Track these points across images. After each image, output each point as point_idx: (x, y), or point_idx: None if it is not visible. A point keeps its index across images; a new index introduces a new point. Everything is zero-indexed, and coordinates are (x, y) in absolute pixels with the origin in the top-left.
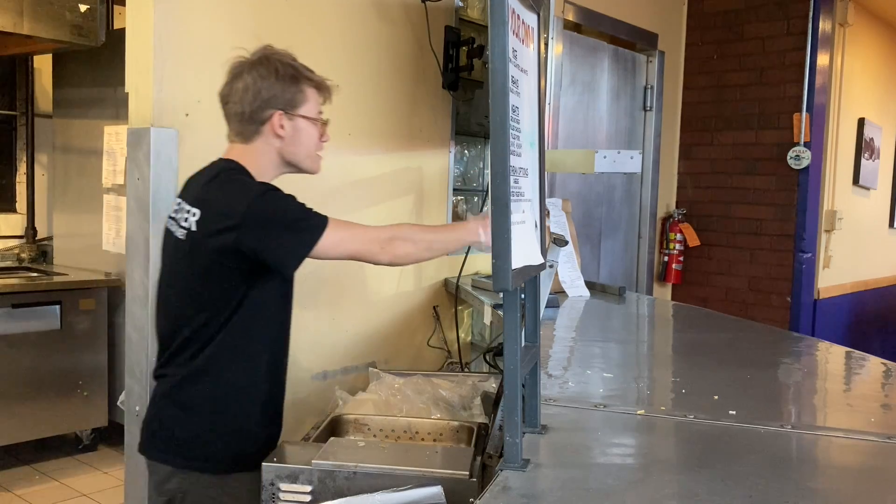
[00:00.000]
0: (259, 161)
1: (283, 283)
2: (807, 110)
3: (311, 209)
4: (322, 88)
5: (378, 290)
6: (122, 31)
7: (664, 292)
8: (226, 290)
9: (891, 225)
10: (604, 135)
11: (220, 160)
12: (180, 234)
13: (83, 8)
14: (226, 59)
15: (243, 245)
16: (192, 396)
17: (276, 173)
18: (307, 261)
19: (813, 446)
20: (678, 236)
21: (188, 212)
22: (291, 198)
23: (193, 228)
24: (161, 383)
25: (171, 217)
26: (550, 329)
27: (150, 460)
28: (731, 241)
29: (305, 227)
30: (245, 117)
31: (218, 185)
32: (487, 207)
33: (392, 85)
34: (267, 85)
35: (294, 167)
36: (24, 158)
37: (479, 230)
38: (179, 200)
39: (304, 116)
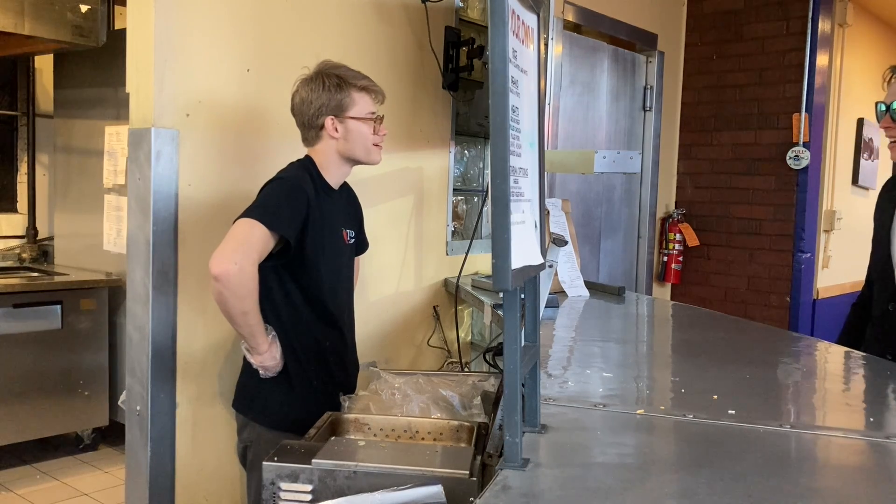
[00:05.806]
0: (323, 159)
1: (310, 271)
2: (806, 110)
3: (267, 206)
4: (369, 91)
5: (378, 290)
6: (123, 31)
7: (663, 292)
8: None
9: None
10: (603, 135)
11: (303, 157)
12: None
13: (84, 8)
14: (227, 60)
15: None
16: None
17: (339, 168)
18: None
19: (812, 446)
20: (677, 236)
21: None
22: (275, 191)
23: None
24: None
25: None
26: (550, 329)
27: (234, 409)
28: (731, 241)
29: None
30: (306, 125)
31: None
32: (487, 208)
33: (392, 85)
34: (316, 96)
35: (354, 161)
36: (26, 158)
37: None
38: None
39: (353, 118)
